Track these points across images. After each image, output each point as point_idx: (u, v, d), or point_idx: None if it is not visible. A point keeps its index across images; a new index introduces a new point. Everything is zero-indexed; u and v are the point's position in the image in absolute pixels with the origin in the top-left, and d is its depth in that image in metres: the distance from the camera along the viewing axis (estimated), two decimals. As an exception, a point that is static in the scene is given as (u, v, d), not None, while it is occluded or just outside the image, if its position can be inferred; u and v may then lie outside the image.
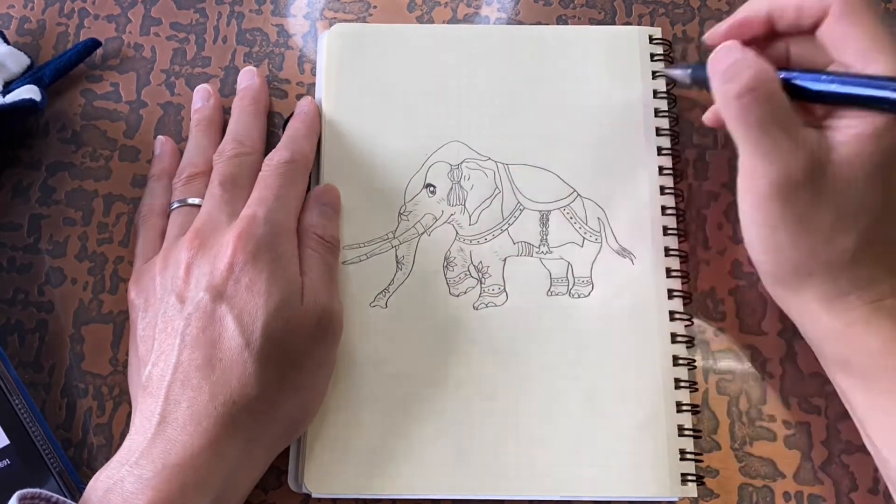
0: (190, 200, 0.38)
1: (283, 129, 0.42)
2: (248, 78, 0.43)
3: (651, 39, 0.43)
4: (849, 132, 0.31)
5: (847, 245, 0.32)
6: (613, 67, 0.42)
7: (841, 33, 0.32)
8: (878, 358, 0.32)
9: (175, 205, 0.39)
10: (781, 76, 0.32)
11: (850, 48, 0.32)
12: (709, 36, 0.36)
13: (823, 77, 0.32)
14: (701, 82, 0.36)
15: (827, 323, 0.34)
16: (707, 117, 0.39)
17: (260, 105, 0.42)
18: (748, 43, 0.33)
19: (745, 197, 0.33)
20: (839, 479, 0.37)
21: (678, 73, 0.39)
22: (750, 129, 0.32)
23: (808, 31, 0.33)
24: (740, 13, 0.35)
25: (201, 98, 0.42)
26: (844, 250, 0.32)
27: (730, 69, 0.32)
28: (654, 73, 0.42)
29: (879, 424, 0.33)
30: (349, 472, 0.36)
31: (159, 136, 0.42)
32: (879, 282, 0.33)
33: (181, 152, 0.42)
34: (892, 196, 0.32)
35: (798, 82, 0.32)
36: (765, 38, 0.35)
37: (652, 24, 0.45)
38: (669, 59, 0.43)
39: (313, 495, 0.36)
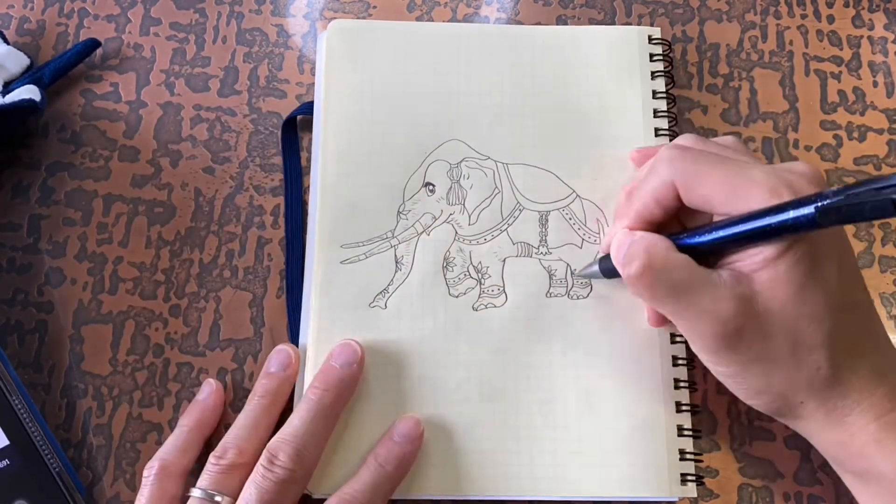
0: (216, 497, 0.34)
1: (282, 131, 0.43)
2: (348, 359, 0.37)
3: (650, 39, 0.43)
4: (755, 259, 0.31)
5: (819, 362, 0.31)
6: (613, 67, 0.42)
7: (699, 198, 0.32)
8: (893, 481, 0.31)
9: (198, 492, 0.34)
10: (676, 241, 0.32)
11: (716, 205, 0.32)
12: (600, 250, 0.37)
13: (706, 228, 0.32)
14: (610, 272, 0.36)
15: (837, 442, 0.32)
16: (649, 318, 0.37)
17: (342, 403, 0.37)
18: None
19: (703, 358, 0.33)
20: (838, 480, 0.37)
21: (590, 270, 0.38)
22: (666, 301, 0.32)
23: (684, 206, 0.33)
24: (613, 227, 0.35)
25: (279, 363, 0.38)
26: (819, 368, 0.31)
27: (625, 254, 0.32)
28: (653, 73, 0.42)
29: None
30: (349, 473, 0.36)
31: (209, 380, 0.38)
32: (872, 392, 0.31)
33: (223, 404, 0.38)
34: (841, 296, 0.31)
35: (687, 241, 0.32)
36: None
37: (652, 25, 0.45)
38: (669, 59, 0.43)
39: (314, 496, 0.36)
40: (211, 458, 0.35)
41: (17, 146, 0.42)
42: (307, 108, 0.42)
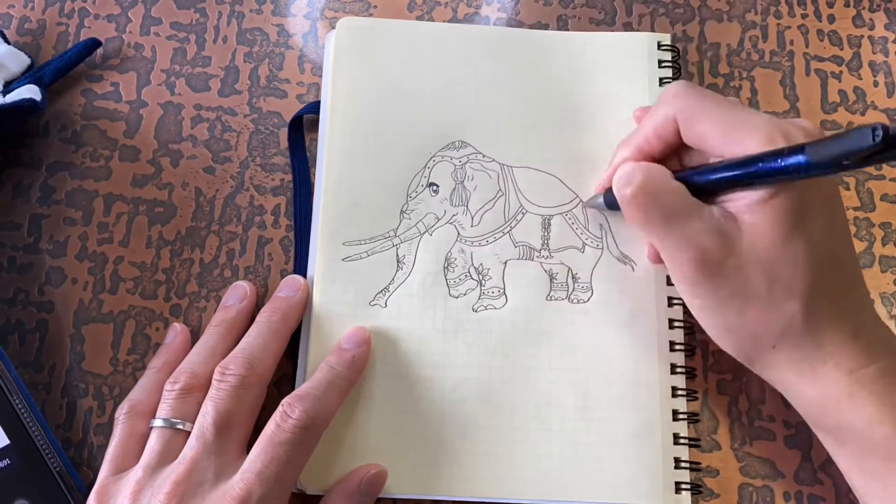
0: (177, 425, 0.34)
1: (289, 129, 0.42)
2: (291, 288, 0.38)
3: (659, 45, 0.43)
4: (743, 202, 0.31)
5: (794, 309, 0.31)
6: (621, 73, 0.42)
7: (697, 136, 0.33)
8: (864, 437, 0.31)
9: (159, 422, 0.35)
10: (676, 176, 0.33)
11: (712, 144, 0.32)
12: (598, 186, 0.38)
13: (701, 168, 0.32)
14: (613, 203, 0.36)
15: (811, 395, 0.33)
16: (648, 254, 0.39)
17: (289, 324, 0.38)
18: None
19: (680, 289, 0.34)
20: (839, 479, 0.37)
21: (596, 201, 0.39)
22: (654, 224, 0.32)
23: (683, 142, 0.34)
24: (615, 158, 0.36)
25: (235, 297, 0.39)
26: (793, 315, 0.31)
27: (623, 177, 0.33)
28: (661, 79, 0.42)
29: (877, 498, 0.32)
30: (345, 471, 0.36)
31: (174, 324, 0.39)
32: (847, 346, 0.31)
33: (189, 345, 0.38)
34: (825, 251, 0.31)
35: (682, 176, 0.33)
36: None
37: (652, 24, 0.45)
38: (677, 66, 0.43)
39: (308, 491, 0.36)
40: (166, 386, 0.36)
41: (18, 146, 0.42)
42: (313, 108, 0.42)
